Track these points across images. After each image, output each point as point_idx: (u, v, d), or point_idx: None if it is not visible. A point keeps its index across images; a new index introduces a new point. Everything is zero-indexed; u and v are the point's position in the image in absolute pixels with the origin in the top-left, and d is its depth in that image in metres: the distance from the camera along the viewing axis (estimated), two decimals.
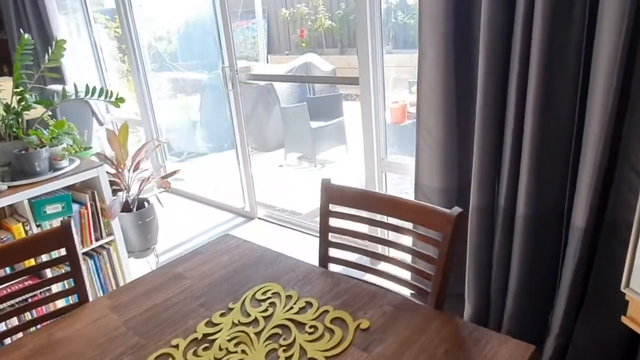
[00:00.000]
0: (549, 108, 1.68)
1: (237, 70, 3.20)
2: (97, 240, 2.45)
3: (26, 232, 2.17)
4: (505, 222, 1.95)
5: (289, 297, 1.22)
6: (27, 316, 2.22)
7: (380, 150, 2.63)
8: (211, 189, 4.18)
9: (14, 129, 2.27)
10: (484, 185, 1.94)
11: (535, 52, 1.64)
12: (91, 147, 3.03)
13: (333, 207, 1.44)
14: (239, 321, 1.14)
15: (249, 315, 1.16)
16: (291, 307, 1.17)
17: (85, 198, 2.40)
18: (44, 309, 2.25)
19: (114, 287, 2.55)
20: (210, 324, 1.15)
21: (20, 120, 2.30)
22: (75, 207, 2.35)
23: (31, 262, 1.83)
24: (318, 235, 1.49)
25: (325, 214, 1.42)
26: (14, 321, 2.09)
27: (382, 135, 2.60)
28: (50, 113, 2.75)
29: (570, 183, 1.76)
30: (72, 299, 1.46)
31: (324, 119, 4.58)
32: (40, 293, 2.21)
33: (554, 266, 1.93)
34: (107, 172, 2.68)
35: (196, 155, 5.14)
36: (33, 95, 2.38)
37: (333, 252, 1.48)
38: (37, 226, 2.21)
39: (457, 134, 2.10)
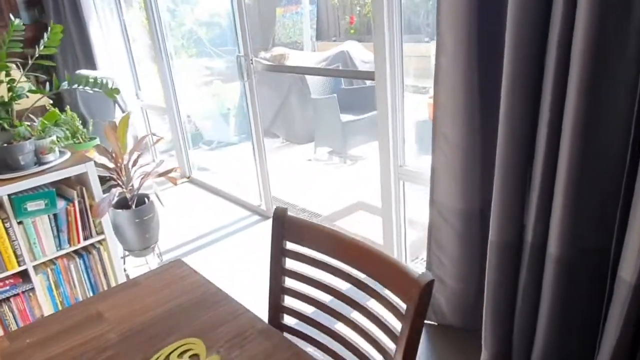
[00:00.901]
0: (594, 120, 1.30)
1: (252, 60, 2.95)
2: (85, 239, 2.30)
3: (6, 229, 2.05)
4: (532, 260, 1.59)
5: None
6: None
7: (398, 156, 2.30)
8: (231, 182, 3.99)
9: (3, 120, 2.15)
10: (507, 215, 1.58)
11: (578, 52, 1.25)
12: (96, 138, 2.90)
13: (291, 245, 1.16)
14: None
15: None
16: None
17: (73, 194, 2.25)
18: None
19: (105, 288, 2.41)
20: None
21: (9, 110, 2.18)
22: (61, 203, 2.21)
23: None
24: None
25: (277, 252, 1.14)
26: None
27: (399, 138, 2.27)
28: (51, 102, 2.64)
29: (619, 223, 1.36)
30: None
31: (356, 112, 4.26)
32: None
33: (594, 318, 1.55)
34: (107, 167, 2.54)
35: (226, 145, 4.98)
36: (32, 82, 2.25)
37: (289, 301, 1.20)
38: (19, 223, 2.09)
39: (481, 143, 1.74)
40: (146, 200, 2.63)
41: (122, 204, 2.59)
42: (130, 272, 2.73)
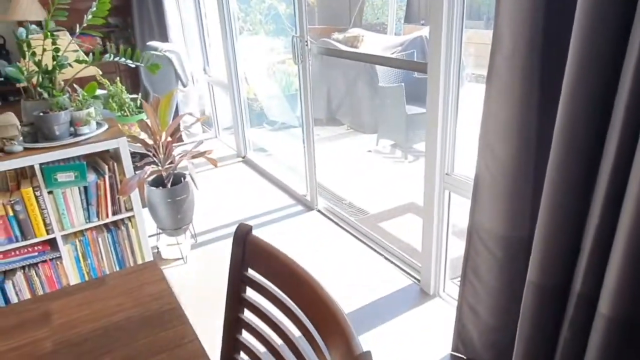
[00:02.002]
0: None
1: (307, 42, 2.76)
2: (114, 214, 2.29)
3: (36, 197, 2.08)
4: (579, 313, 1.27)
5: None
6: None
7: (446, 162, 2.02)
8: (284, 167, 3.88)
9: (44, 88, 2.16)
10: (553, 254, 1.27)
11: None
12: (142, 112, 2.88)
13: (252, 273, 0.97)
14: None
15: None
16: None
17: (105, 169, 2.24)
18: None
19: (131, 264, 2.40)
20: None
21: (52, 79, 2.18)
22: (92, 177, 2.20)
23: None
24: (371, 247, 1.03)
25: (236, 279, 0.96)
26: None
27: (449, 141, 1.98)
28: (101, 73, 2.64)
29: None
30: None
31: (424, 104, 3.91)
32: None
33: None
34: (146, 144, 2.50)
35: (288, 127, 4.86)
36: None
37: (247, 336, 1.01)
38: (49, 193, 2.11)
39: (535, 162, 1.43)
40: (182, 180, 2.58)
41: (159, 182, 2.56)
42: (163, 250, 2.72)
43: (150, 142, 2.46)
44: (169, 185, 2.54)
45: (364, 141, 4.54)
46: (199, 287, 2.45)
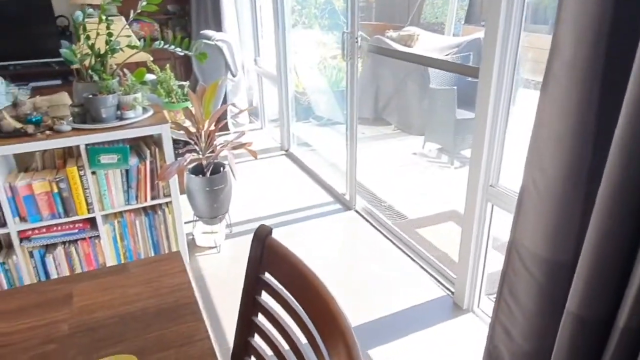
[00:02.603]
0: None
1: (357, 38, 2.70)
2: (153, 198, 2.33)
3: (80, 177, 2.14)
4: (622, 350, 1.16)
5: None
6: None
7: (491, 172, 1.91)
8: (325, 164, 3.84)
9: (95, 71, 2.22)
10: (597, 286, 1.16)
11: None
12: (188, 100, 2.92)
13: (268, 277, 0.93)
14: None
15: None
16: None
17: (147, 154, 2.28)
18: None
19: (166, 249, 2.44)
20: None
21: (104, 62, 2.24)
22: (134, 161, 2.24)
23: None
24: (406, 254, 0.99)
25: (251, 282, 0.93)
26: None
27: (496, 153, 1.87)
28: (152, 59, 2.69)
29: None
30: None
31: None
32: None
33: None
34: (189, 131, 2.53)
35: (334, 123, 4.82)
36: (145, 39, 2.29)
37: (259, 341, 0.98)
38: (92, 173, 2.17)
39: (587, 182, 1.31)
40: (221, 170, 2.59)
41: (199, 170, 2.58)
42: (197, 237, 2.75)
43: (193, 130, 2.49)
44: (208, 174, 2.56)
45: (409, 143, 4.43)
46: (229, 277, 2.46)
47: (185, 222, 2.69)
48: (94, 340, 0.94)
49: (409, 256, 2.59)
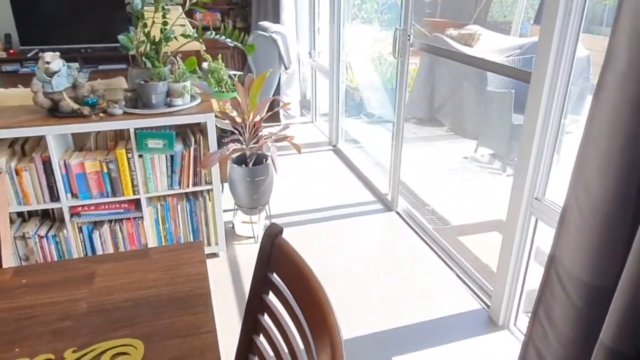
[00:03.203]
0: None
1: (409, 36, 2.63)
2: (195, 185, 2.40)
3: (128, 159, 2.23)
4: None
5: None
6: None
7: (537, 184, 1.80)
8: (371, 162, 3.79)
9: (149, 58, 2.29)
10: (634, 319, 1.07)
11: None
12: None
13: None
14: None
15: None
16: None
17: (192, 141, 2.34)
18: None
19: (204, 237, 2.50)
20: None
21: (158, 50, 2.31)
22: (179, 147, 2.31)
23: None
24: (444, 261, 0.97)
25: (259, 281, 0.92)
26: None
27: (544, 164, 1.77)
28: (204, 47, 2.74)
29: None
30: None
31: None
32: None
33: None
34: (235, 121, 2.57)
35: (386, 121, 4.74)
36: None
37: (263, 340, 0.97)
38: (139, 157, 2.25)
39: (635, 206, 1.21)
40: (264, 161, 2.62)
41: (242, 160, 2.62)
42: (237, 226, 2.80)
43: (239, 120, 2.52)
44: (250, 165, 2.59)
45: (461, 146, 4.29)
46: None
47: (226, 211, 2.75)
48: (107, 322, 0.97)
49: (446, 264, 2.51)
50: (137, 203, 2.37)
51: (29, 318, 0.98)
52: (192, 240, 2.49)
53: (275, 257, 0.89)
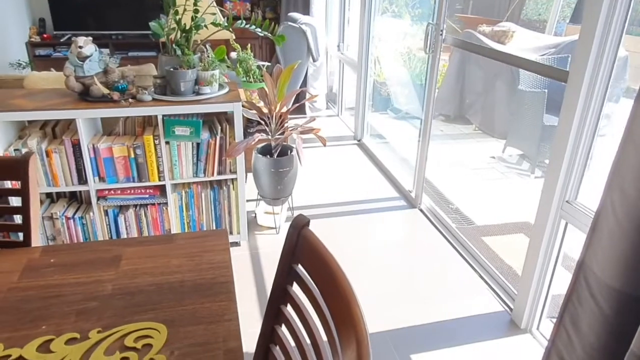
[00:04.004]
0: None
1: (442, 31, 2.58)
2: (219, 173, 2.41)
3: (155, 145, 2.26)
4: None
5: None
6: None
7: (569, 187, 1.75)
8: (396, 158, 3.75)
9: (179, 46, 2.31)
10: None
11: None
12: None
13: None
14: None
15: None
16: None
17: (218, 129, 2.34)
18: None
19: (227, 225, 2.52)
20: (42, 348, 0.86)
21: (188, 38, 2.32)
22: (205, 135, 2.32)
23: None
24: (467, 261, 0.96)
25: (283, 272, 0.91)
26: None
27: (578, 166, 1.71)
28: (234, 37, 2.74)
29: None
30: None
31: None
32: None
33: None
34: (261, 112, 2.57)
35: (412, 117, 4.68)
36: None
37: (285, 330, 0.96)
38: (166, 143, 2.27)
39: None
40: (289, 152, 2.61)
41: (267, 150, 2.62)
42: (259, 216, 2.81)
43: (265, 111, 2.52)
44: (275, 156, 2.59)
45: (489, 145, 4.20)
46: None
47: (249, 200, 2.76)
48: (131, 304, 0.98)
49: (469, 264, 2.47)
50: (162, 189, 2.39)
51: (56, 297, 1.00)
52: (214, 228, 2.51)
53: (301, 248, 0.88)
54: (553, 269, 1.90)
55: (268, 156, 2.59)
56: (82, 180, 2.25)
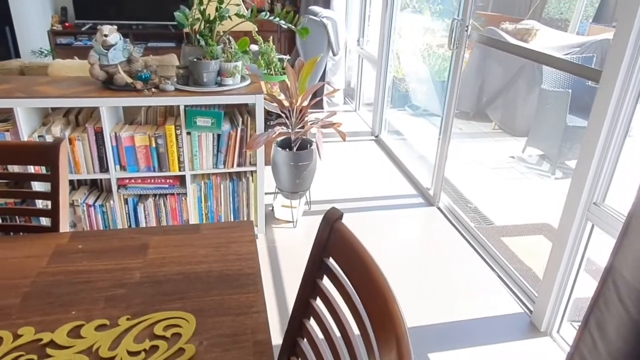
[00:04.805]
0: None
1: (467, 27, 2.54)
2: (239, 165, 2.40)
3: (176, 135, 2.26)
4: None
5: (180, 351, 0.83)
6: None
7: (597, 188, 1.72)
8: (414, 155, 3.72)
9: (203, 36, 2.30)
10: None
11: None
12: (286, 74, 2.93)
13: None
14: (98, 351, 0.83)
15: (113, 350, 0.83)
16: None
17: (239, 121, 2.34)
18: (17, 219, 2.14)
19: (245, 217, 2.52)
20: (72, 333, 0.87)
21: (212, 28, 2.31)
22: (226, 127, 2.32)
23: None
24: (486, 261, 0.95)
25: (315, 265, 0.90)
26: None
27: (607, 168, 1.67)
28: (256, 28, 2.73)
29: None
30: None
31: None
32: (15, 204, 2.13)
33: None
34: (282, 105, 2.56)
35: (430, 115, 4.64)
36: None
37: (313, 324, 0.95)
38: (187, 134, 2.27)
39: None
40: (308, 146, 2.60)
41: (286, 144, 2.61)
42: (277, 209, 2.80)
43: (286, 104, 2.51)
44: (294, 149, 2.58)
45: (508, 145, 4.15)
46: (300, 253, 2.48)
47: (267, 193, 2.76)
48: (159, 293, 0.98)
49: (488, 264, 2.44)
50: (181, 179, 2.40)
51: (85, 283, 1.00)
52: (232, 219, 2.51)
53: (334, 242, 0.87)
54: (577, 272, 1.87)
55: (287, 149, 2.59)
56: (104, 168, 2.26)
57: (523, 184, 3.50)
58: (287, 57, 3.37)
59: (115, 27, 2.20)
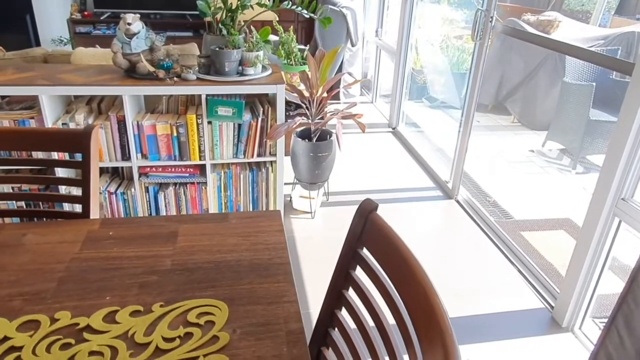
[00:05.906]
0: None
1: (492, 17, 2.50)
2: (259, 155, 2.40)
3: (197, 124, 2.26)
4: None
5: (214, 338, 0.84)
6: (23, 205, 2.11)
7: (625, 186, 1.69)
8: (432, 148, 3.69)
9: (225, 25, 2.29)
10: None
11: None
12: (306, 64, 2.92)
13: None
14: (134, 337, 0.83)
15: (149, 336, 0.84)
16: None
17: (260, 111, 2.34)
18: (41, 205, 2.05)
19: (264, 208, 2.52)
20: (108, 318, 0.87)
21: (234, 18, 2.31)
22: (247, 117, 2.31)
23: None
24: (506, 255, 0.96)
25: (348, 255, 0.90)
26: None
27: (637, 162, 1.64)
28: (277, 18, 2.71)
29: None
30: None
31: (615, 112, 3.35)
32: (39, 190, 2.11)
33: None
34: (303, 95, 2.55)
35: (448, 107, 4.60)
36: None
37: (345, 315, 0.95)
38: (208, 123, 2.27)
39: None
40: (328, 137, 2.59)
41: (306, 134, 2.61)
42: (295, 200, 2.80)
43: (306, 94, 2.50)
44: (314, 140, 2.57)
45: (528, 138, 4.10)
46: (318, 244, 2.48)
47: (285, 184, 2.76)
48: (190, 281, 0.98)
49: (508, 258, 2.42)
50: (202, 168, 2.40)
51: (117, 269, 1.01)
52: (251, 209, 2.52)
53: (368, 233, 0.87)
54: (602, 268, 1.84)
55: (307, 140, 2.58)
56: (126, 156, 2.28)
57: (543, 179, 3.45)
58: (306, 47, 3.35)
59: (139, 15, 2.20)
